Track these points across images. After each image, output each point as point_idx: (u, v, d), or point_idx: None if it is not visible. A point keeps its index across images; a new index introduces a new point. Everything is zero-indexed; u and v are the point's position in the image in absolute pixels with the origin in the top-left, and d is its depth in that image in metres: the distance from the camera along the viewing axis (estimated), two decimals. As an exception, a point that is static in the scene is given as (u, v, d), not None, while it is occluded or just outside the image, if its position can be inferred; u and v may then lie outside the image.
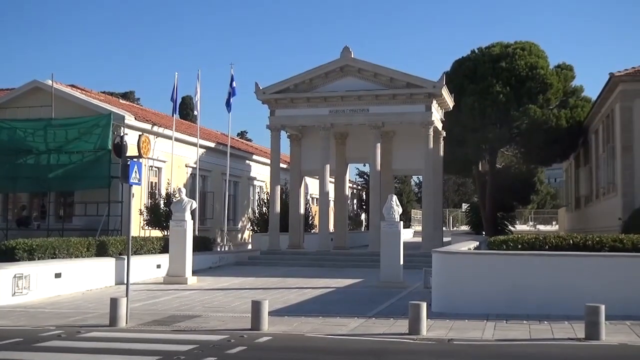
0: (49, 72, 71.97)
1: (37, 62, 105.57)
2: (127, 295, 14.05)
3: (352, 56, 30.86)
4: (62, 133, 27.28)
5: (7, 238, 23.72)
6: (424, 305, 12.74)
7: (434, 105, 30.97)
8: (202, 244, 27.72)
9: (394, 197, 21.55)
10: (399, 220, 21.11)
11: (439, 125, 33.02)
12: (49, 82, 28.30)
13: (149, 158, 27.72)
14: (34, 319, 14.36)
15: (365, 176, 61.85)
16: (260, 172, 41.98)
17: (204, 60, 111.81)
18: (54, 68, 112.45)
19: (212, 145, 35.98)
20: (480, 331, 12.79)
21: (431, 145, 31.09)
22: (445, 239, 35.23)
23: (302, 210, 34.59)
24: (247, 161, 41.12)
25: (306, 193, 39.62)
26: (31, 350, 10.82)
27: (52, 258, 19.50)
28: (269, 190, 35.10)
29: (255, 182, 42.54)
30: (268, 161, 36.28)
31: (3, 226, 27.94)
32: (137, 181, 14.99)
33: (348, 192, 38.07)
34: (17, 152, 27.60)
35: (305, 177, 36.55)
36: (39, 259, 18.94)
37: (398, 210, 21.15)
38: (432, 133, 31.04)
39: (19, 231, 26.90)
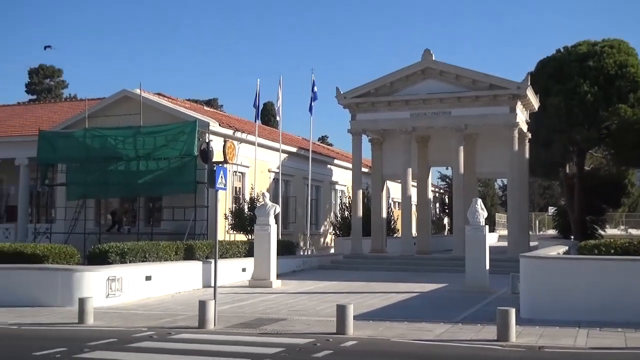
0: (136, 81, 74.57)
1: (125, 71, 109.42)
2: (214, 298, 14.30)
3: (433, 58, 30.57)
4: (150, 140, 28.09)
5: (100, 242, 24.63)
6: (513, 311, 12.44)
7: (519, 107, 30.28)
8: (286, 248, 28.00)
9: (479, 201, 21.18)
10: (484, 224, 20.71)
11: (524, 127, 32.26)
12: (137, 91, 29.23)
13: (233, 164, 28.22)
14: (126, 320, 14.83)
15: (447, 179, 61.04)
16: (342, 177, 42.07)
17: (283, 66, 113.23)
18: (142, 77, 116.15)
19: (294, 150, 36.32)
20: (572, 338, 12.38)
21: (516, 148, 30.39)
22: (531, 244, 34.36)
23: (384, 215, 34.46)
24: (329, 165, 41.29)
25: (388, 197, 39.43)
26: (125, 351, 11.18)
27: (143, 261, 20.13)
28: (350, 195, 35.15)
29: (337, 187, 42.66)
30: (349, 165, 36.32)
31: (96, 230, 29.04)
32: (223, 186, 15.25)
33: (430, 195, 37.62)
34: (108, 159, 28.60)
35: (387, 181, 36.38)
36: (130, 262, 19.57)
37: (483, 214, 20.76)
38: (516, 135, 30.36)
39: (111, 235, 27.90)
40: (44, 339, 12.37)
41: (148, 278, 19.33)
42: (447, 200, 59.90)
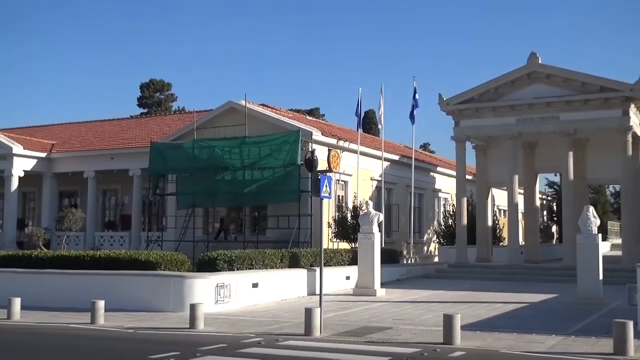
0: (240, 93, 76.49)
1: (229, 83, 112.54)
2: (320, 306, 14.42)
3: (540, 62, 29.72)
4: (255, 150, 28.72)
5: (208, 249, 25.37)
6: (631, 323, 11.86)
7: (632, 110, 28.94)
8: (389, 257, 27.91)
9: (591, 208, 20.39)
10: (596, 232, 19.92)
11: (638, 131, 30.76)
12: (242, 103, 29.98)
13: (336, 172, 28.43)
14: (235, 326, 15.17)
15: (555, 186, 58.99)
16: (445, 184, 41.54)
17: (383, 73, 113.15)
18: (246, 88, 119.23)
19: (396, 158, 36.18)
20: (697, 354, 11.67)
21: (629, 152, 29.04)
22: (648, 253, 32.64)
23: (489, 222, 33.76)
24: (431, 173, 40.87)
25: (493, 204, 38.57)
26: (235, 356, 11.43)
27: (249, 269, 20.58)
28: (454, 202, 34.63)
29: (440, 194, 42.15)
30: (452, 173, 35.84)
31: (204, 238, 29.95)
32: (327, 195, 15.37)
33: (538, 203, 36.50)
34: (215, 169, 29.46)
35: (492, 188, 35.61)
36: (237, 270, 20.05)
37: (595, 221, 19.96)
38: (630, 139, 29.03)
39: (218, 243, 28.69)
40: (158, 343, 12.88)
41: (255, 285, 19.73)
42: (555, 207, 57.94)
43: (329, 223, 29.89)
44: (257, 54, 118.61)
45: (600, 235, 20.28)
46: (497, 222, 39.41)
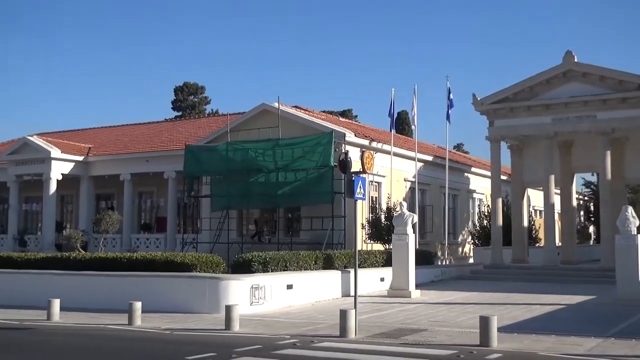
0: (273, 95, 76.83)
1: (261, 85, 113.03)
2: (355, 307, 14.39)
3: (575, 60, 29.32)
4: (288, 152, 28.81)
5: (242, 251, 25.51)
6: (673, 326, 11.63)
7: (672, 107, 28.37)
8: (424, 258, 27.77)
9: (629, 208, 20.06)
10: (635, 232, 19.57)
11: (678, 129, 30.14)
12: (276, 105, 30.09)
13: (370, 173, 28.37)
14: (270, 328, 15.23)
15: (592, 186, 58.09)
16: (479, 185, 41.19)
17: (415, 73, 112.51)
18: (278, 91, 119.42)
19: (430, 158, 35.98)
20: None
21: (670, 151, 28.49)
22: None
23: (525, 223, 33.37)
24: (466, 174, 40.56)
25: (529, 205, 38.14)
26: (271, 358, 11.48)
27: (284, 270, 20.64)
28: (489, 203, 34.32)
29: (475, 195, 41.81)
30: (487, 173, 35.50)
31: (238, 240, 30.13)
32: (361, 196, 15.35)
33: (574, 203, 35.98)
34: (249, 171, 29.62)
35: (527, 188, 35.20)
36: (272, 271, 20.12)
37: (634, 222, 19.63)
38: (670, 137, 28.46)
39: (252, 245, 28.84)
40: (194, 344, 12.99)
41: (289, 287, 19.78)
42: (592, 207, 57.06)
43: (362, 224, 29.84)
44: (289, 55, 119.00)
45: (639, 235, 19.93)
46: (532, 222, 38.96)
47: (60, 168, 36.63)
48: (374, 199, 32.13)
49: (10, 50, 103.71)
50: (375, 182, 31.94)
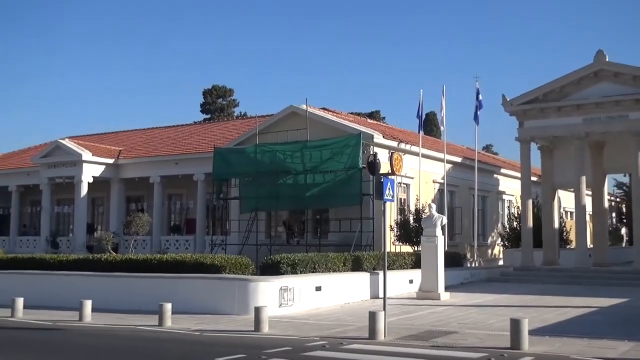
0: (300, 97, 77.09)
1: (289, 88, 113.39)
2: (384, 309, 14.36)
3: (607, 60, 28.94)
4: (316, 154, 28.78)
5: (271, 253, 25.58)
6: None
7: None
8: (453, 260, 27.58)
9: (663, 210, 19.70)
10: (669, 234, 19.25)
11: None
12: (304, 107, 30.10)
13: (398, 175, 28.26)
14: (299, 329, 15.25)
15: (624, 187, 57.23)
16: (509, 186, 40.81)
17: (444, 74, 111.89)
18: (306, 92, 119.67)
19: (459, 160, 35.76)
20: None
21: None
22: None
23: (556, 225, 33.01)
24: (495, 175, 40.21)
25: (559, 206, 37.70)
26: (300, 359, 11.50)
27: (312, 272, 20.65)
28: (519, 205, 34.01)
29: (504, 196, 41.42)
30: (517, 174, 35.17)
31: (267, 242, 30.20)
32: (390, 198, 15.32)
33: (606, 204, 35.48)
34: (277, 173, 29.66)
35: (558, 190, 34.81)
36: (300, 273, 20.14)
37: (668, 223, 19.29)
38: None
39: (281, 246, 28.87)
40: (224, 345, 13.06)
41: (318, 288, 19.79)
42: (624, 209, 56.21)
43: (391, 226, 29.72)
44: (317, 57, 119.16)
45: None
46: (563, 224, 38.50)
47: (91, 171, 37.10)
48: (403, 201, 32.00)
49: (46, 52, 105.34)
50: (404, 183, 31.81)
